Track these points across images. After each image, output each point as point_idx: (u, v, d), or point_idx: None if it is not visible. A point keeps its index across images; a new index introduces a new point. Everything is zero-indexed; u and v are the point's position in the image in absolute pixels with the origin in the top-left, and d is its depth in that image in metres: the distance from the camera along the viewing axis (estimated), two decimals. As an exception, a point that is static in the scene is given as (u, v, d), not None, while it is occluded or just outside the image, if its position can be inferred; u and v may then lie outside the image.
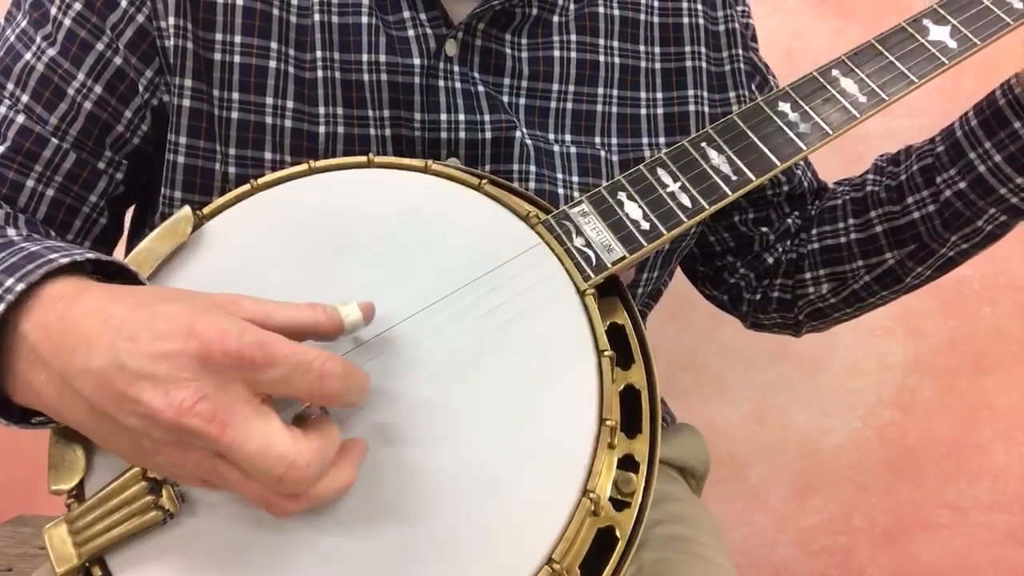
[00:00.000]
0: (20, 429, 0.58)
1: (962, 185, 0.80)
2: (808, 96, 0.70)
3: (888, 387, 1.55)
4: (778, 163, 0.68)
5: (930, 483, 1.57)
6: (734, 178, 0.67)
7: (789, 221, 0.95)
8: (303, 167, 0.68)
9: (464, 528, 0.55)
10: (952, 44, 0.70)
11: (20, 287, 0.52)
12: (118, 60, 0.72)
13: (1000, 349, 1.53)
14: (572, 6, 0.81)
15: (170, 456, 0.49)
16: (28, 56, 0.72)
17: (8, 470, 1.61)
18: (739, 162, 0.68)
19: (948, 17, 0.71)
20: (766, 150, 0.68)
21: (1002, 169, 0.77)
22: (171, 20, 0.71)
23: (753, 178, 0.67)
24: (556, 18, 0.80)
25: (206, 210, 0.66)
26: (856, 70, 0.71)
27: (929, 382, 1.55)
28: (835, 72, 0.71)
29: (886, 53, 0.71)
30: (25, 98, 0.72)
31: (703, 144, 0.69)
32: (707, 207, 0.66)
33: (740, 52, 0.88)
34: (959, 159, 0.80)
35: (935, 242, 0.83)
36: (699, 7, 0.86)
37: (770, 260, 0.95)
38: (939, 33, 0.71)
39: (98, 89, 0.72)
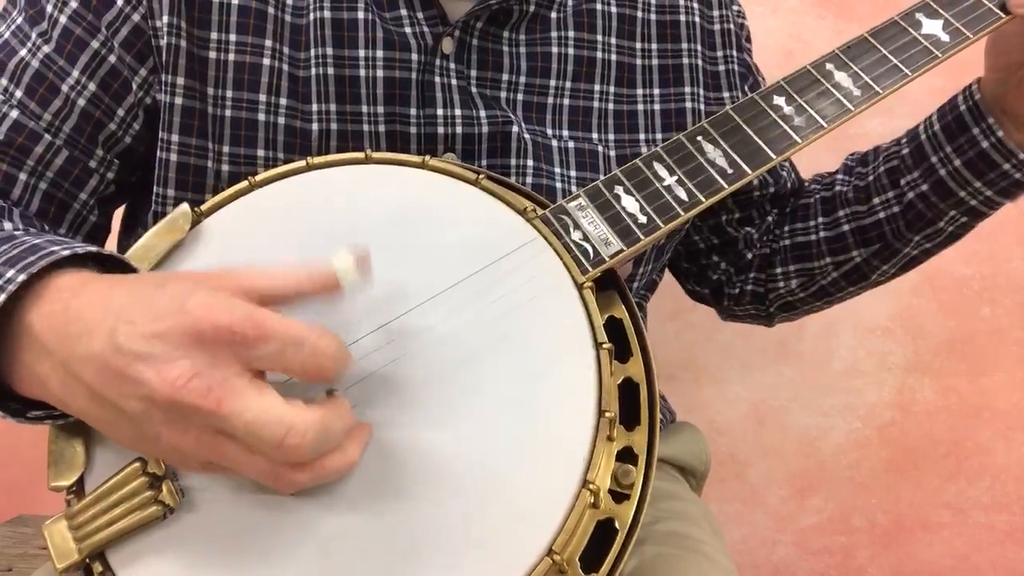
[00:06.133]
0: (17, 423, 0.58)
1: (924, 188, 0.82)
2: (802, 90, 0.71)
3: (888, 387, 1.55)
4: (773, 156, 0.68)
5: (930, 483, 1.56)
6: (730, 171, 0.68)
7: (769, 219, 0.97)
8: (301, 164, 0.68)
9: (465, 517, 0.55)
10: (945, 37, 0.71)
11: (21, 278, 0.52)
12: (112, 58, 0.73)
13: (1000, 349, 1.53)
14: (570, 2, 0.81)
15: (171, 438, 0.49)
16: (23, 52, 0.73)
17: (8, 470, 1.61)
18: (735, 155, 0.68)
19: (940, 11, 0.72)
20: (761, 143, 0.69)
21: (961, 173, 0.79)
22: (165, 19, 0.72)
23: (749, 171, 0.68)
24: (554, 14, 0.80)
25: (204, 207, 0.66)
26: (850, 63, 0.71)
27: (929, 382, 1.54)
28: (829, 66, 0.71)
29: (879, 47, 0.71)
30: (19, 94, 0.72)
31: (699, 138, 0.69)
32: (703, 200, 0.66)
33: (734, 53, 0.89)
34: (922, 162, 0.82)
35: (899, 242, 0.86)
36: (695, 5, 0.87)
37: (749, 256, 0.97)
38: (932, 27, 0.71)
39: (92, 86, 0.73)
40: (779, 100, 0.71)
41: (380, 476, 0.56)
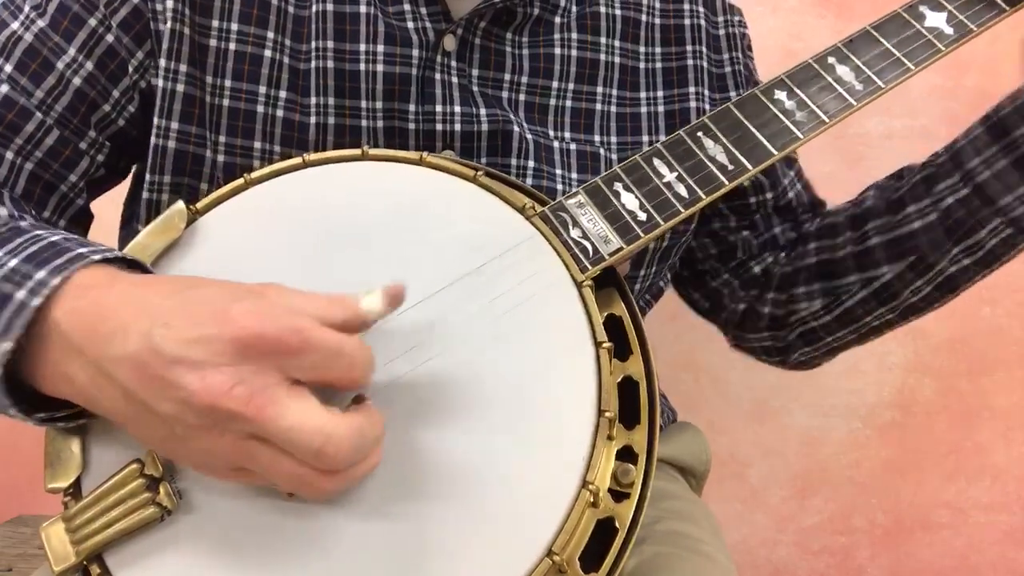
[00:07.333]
0: (28, 423, 0.57)
1: (965, 191, 0.76)
2: (804, 84, 0.70)
3: (888, 387, 1.55)
4: (775, 151, 0.67)
5: (930, 483, 1.56)
6: (730, 167, 0.67)
7: (777, 231, 0.93)
8: (297, 161, 0.68)
9: (464, 518, 0.54)
10: (948, 30, 0.70)
11: (55, 281, 0.52)
12: (110, 38, 0.71)
13: (1000, 349, 1.53)
14: (574, 8, 0.81)
15: (203, 442, 0.49)
16: (15, 25, 0.71)
17: (8, 470, 1.61)
18: (735, 151, 0.67)
19: (944, 3, 0.71)
20: (762, 139, 0.68)
21: (1008, 175, 0.74)
22: (169, 3, 0.71)
23: (750, 167, 0.67)
24: (558, 19, 0.80)
25: (199, 205, 0.66)
26: (852, 57, 0.70)
27: (929, 382, 1.54)
28: (831, 59, 0.70)
29: (882, 40, 0.70)
30: (8, 68, 0.70)
31: (699, 133, 0.69)
32: (704, 197, 0.66)
33: (739, 55, 0.88)
34: (962, 165, 0.77)
35: (935, 252, 0.80)
36: (700, 9, 0.86)
37: (757, 270, 0.93)
38: (935, 19, 0.70)
39: (89, 66, 0.71)
40: (780, 94, 0.70)
41: (379, 480, 0.56)
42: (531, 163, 0.76)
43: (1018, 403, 1.54)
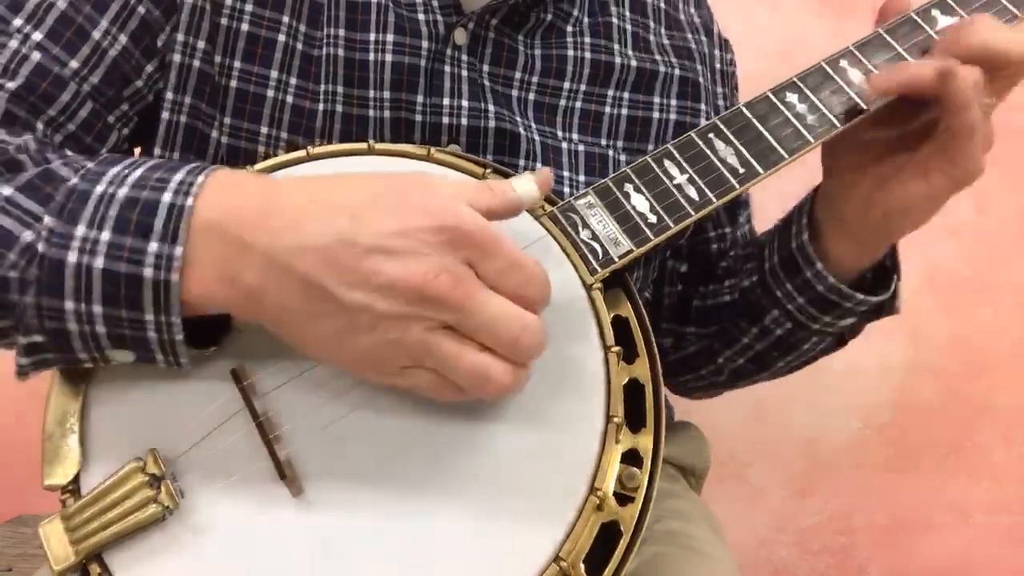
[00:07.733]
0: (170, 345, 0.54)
1: (755, 277, 0.80)
2: (816, 87, 0.68)
3: (888, 387, 1.55)
4: (786, 156, 0.66)
5: (930, 483, 1.57)
6: (741, 170, 0.66)
7: (697, 291, 0.94)
8: (301, 154, 0.67)
9: (471, 524, 0.54)
10: None
11: (200, 180, 0.52)
12: (142, 10, 0.69)
13: (1000, 349, 1.53)
14: (586, 19, 0.80)
15: (386, 333, 0.50)
16: None
17: (8, 470, 1.60)
18: (746, 154, 0.66)
19: (956, 8, 0.69)
20: (774, 142, 0.67)
21: (781, 269, 0.77)
22: None
23: (761, 171, 0.66)
24: (569, 27, 0.79)
25: None
26: (864, 60, 0.69)
27: (929, 382, 1.54)
28: (843, 63, 0.69)
29: (894, 43, 0.69)
30: (38, 36, 0.66)
31: (710, 135, 0.67)
32: (714, 200, 0.65)
33: (729, 92, 0.89)
34: (762, 250, 0.80)
35: (733, 329, 0.85)
36: (703, 39, 0.86)
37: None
38: (947, 23, 0.69)
39: (123, 39, 0.69)
40: (792, 97, 0.68)
41: (387, 482, 0.55)
42: (539, 165, 0.76)
43: (1018, 403, 1.54)
